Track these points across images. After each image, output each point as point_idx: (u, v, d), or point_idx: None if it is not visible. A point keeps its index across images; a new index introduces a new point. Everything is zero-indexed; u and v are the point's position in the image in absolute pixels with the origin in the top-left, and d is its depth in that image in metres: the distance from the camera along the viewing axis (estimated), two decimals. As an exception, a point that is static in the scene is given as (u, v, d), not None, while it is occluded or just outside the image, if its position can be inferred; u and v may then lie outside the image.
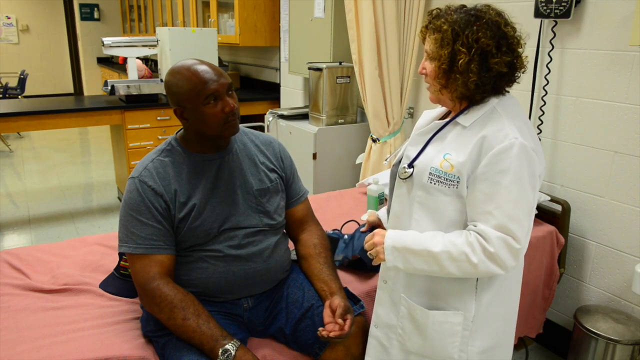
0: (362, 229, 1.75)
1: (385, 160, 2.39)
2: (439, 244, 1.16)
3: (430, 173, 1.21)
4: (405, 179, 1.27)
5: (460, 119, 1.21)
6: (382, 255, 1.24)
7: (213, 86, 1.29)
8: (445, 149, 1.20)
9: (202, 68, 1.31)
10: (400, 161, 1.34)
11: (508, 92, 1.23)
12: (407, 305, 1.33)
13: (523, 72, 1.22)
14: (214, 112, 1.31)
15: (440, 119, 1.31)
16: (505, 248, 1.11)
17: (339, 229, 1.95)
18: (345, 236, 1.81)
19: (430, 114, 1.38)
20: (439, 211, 1.22)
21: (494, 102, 1.20)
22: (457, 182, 1.17)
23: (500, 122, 1.16)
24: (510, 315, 1.38)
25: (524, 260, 1.95)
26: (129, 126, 3.66)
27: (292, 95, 3.88)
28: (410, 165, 1.26)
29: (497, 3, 2.29)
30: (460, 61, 1.13)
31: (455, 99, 1.23)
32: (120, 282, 1.60)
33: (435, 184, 1.20)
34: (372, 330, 1.44)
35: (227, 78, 1.34)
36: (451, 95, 1.22)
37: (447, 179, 1.18)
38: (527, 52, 2.20)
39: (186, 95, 1.31)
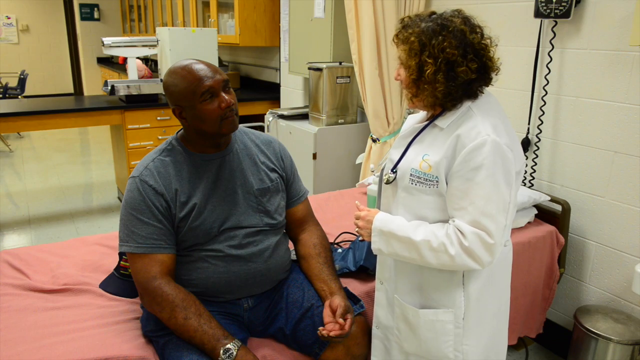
0: (361, 238, 1.77)
1: (372, 171, 2.41)
2: (420, 233, 1.20)
3: (411, 174, 1.24)
4: (389, 183, 1.31)
5: (438, 122, 1.24)
6: (366, 235, 1.31)
7: (208, 83, 1.30)
8: (424, 151, 1.24)
9: (197, 67, 1.32)
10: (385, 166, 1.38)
11: (482, 93, 1.24)
12: (400, 305, 1.36)
13: (496, 74, 1.23)
14: (211, 108, 1.31)
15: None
16: (479, 243, 1.14)
17: (333, 241, 1.93)
18: (340, 250, 1.81)
19: (414, 118, 1.41)
20: (423, 211, 1.25)
21: (468, 103, 1.22)
22: (437, 181, 1.20)
23: (474, 121, 1.18)
24: (502, 311, 1.39)
25: (524, 260, 1.97)
26: (129, 126, 3.66)
27: (292, 95, 3.88)
28: (394, 170, 1.30)
29: (497, 3, 2.31)
30: (428, 71, 1.16)
31: (428, 106, 1.26)
32: (120, 282, 1.60)
33: (416, 184, 1.24)
34: (374, 330, 1.47)
35: (222, 75, 1.34)
36: (423, 103, 1.25)
37: (426, 179, 1.22)
38: (527, 52, 2.21)
39: (183, 93, 1.31)
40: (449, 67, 1.15)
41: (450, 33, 1.15)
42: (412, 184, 1.24)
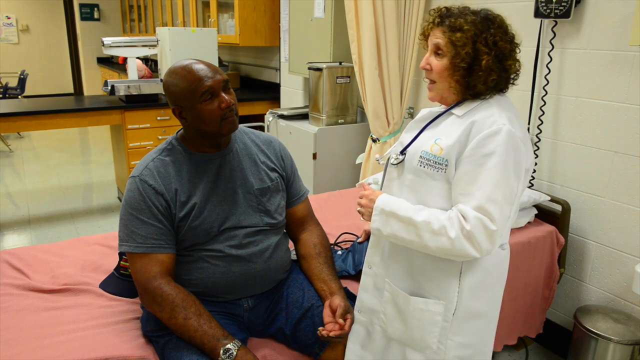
0: (359, 240, 1.76)
1: (377, 160, 2.40)
2: (422, 215, 1.20)
3: (420, 156, 1.25)
4: (396, 164, 1.31)
5: (455, 110, 1.26)
6: (367, 215, 1.30)
7: (208, 83, 1.30)
8: (437, 135, 1.25)
9: (197, 67, 1.32)
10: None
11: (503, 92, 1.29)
12: (391, 290, 1.35)
13: (518, 75, 1.27)
14: (211, 108, 1.31)
15: None
16: (481, 228, 1.13)
17: (334, 242, 1.91)
18: (339, 252, 1.80)
19: (426, 110, 1.40)
20: (427, 197, 1.25)
21: (488, 96, 1.25)
22: (446, 165, 1.20)
23: (491, 110, 1.20)
24: (492, 316, 1.38)
25: (524, 260, 1.97)
26: (129, 126, 3.66)
27: (292, 95, 3.88)
28: (403, 152, 1.31)
29: (498, 3, 2.30)
30: (483, 61, 1.18)
31: (459, 95, 1.26)
32: (120, 282, 1.60)
33: (424, 167, 1.24)
34: (357, 315, 1.44)
35: (222, 75, 1.34)
36: (459, 91, 1.25)
37: (436, 162, 1.22)
38: (527, 52, 2.21)
39: (183, 93, 1.31)
40: (499, 59, 1.19)
41: (499, 28, 1.20)
42: (420, 166, 1.24)
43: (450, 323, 1.28)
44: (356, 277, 1.69)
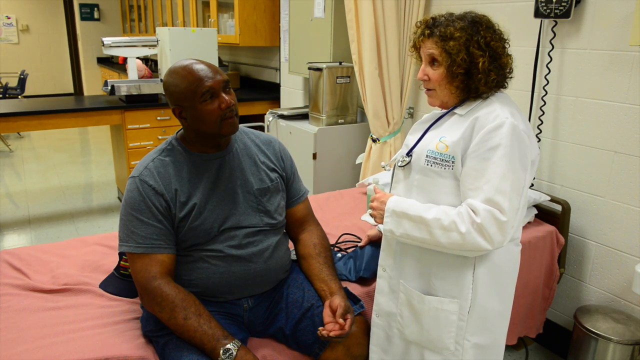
0: (361, 244, 1.76)
1: (383, 167, 2.41)
2: (432, 212, 1.22)
3: (427, 155, 1.26)
4: (403, 166, 1.32)
5: (457, 110, 1.28)
6: (379, 217, 1.32)
7: (209, 83, 1.30)
8: (441, 134, 1.27)
9: (198, 67, 1.32)
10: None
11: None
12: (405, 291, 1.36)
13: (512, 70, 1.29)
14: (211, 109, 1.31)
15: None
16: (491, 219, 1.14)
17: (334, 242, 1.90)
18: (339, 254, 1.80)
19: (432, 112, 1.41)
20: (436, 195, 1.26)
21: (489, 93, 1.27)
22: (452, 162, 1.22)
23: (493, 107, 1.23)
24: (506, 314, 1.39)
25: (524, 260, 1.96)
26: (129, 126, 3.66)
27: (292, 95, 3.88)
28: (409, 154, 1.32)
29: (497, 3, 2.31)
30: (480, 64, 1.20)
31: (460, 97, 1.28)
32: (120, 282, 1.60)
33: (432, 165, 1.25)
34: (374, 319, 1.47)
35: (223, 75, 1.34)
36: (460, 95, 1.27)
37: (442, 160, 1.23)
38: (527, 52, 2.21)
39: (183, 93, 1.31)
40: (494, 58, 1.22)
41: (488, 28, 1.22)
42: (427, 165, 1.26)
43: (466, 322, 1.28)
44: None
